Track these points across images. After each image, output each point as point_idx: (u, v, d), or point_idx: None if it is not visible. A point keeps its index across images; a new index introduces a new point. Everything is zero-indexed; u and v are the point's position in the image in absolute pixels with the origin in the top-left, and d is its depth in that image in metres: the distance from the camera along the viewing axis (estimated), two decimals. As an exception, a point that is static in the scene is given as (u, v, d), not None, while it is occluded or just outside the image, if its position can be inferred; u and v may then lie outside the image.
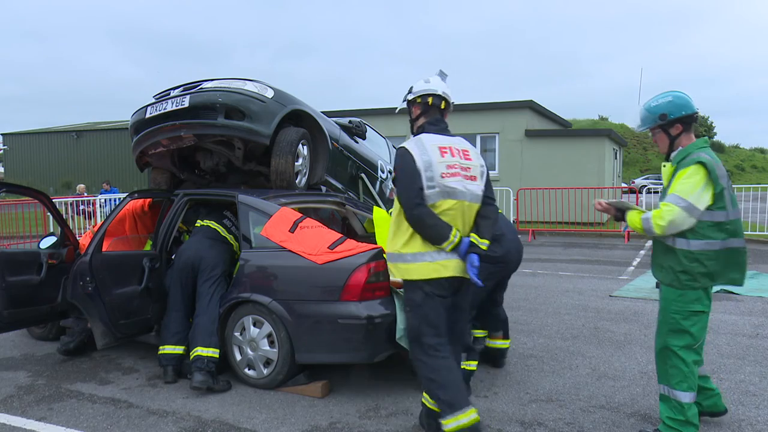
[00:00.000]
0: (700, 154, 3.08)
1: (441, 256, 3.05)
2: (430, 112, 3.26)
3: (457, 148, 3.16)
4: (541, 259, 10.51)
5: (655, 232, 3.07)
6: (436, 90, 3.25)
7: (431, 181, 3.01)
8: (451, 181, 3.04)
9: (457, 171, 3.08)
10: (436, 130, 3.20)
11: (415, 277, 3.08)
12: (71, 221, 12.80)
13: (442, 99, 3.27)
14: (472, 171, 3.15)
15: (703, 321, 3.12)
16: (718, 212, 3.04)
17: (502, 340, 4.52)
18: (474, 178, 3.14)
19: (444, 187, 3.02)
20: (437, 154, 3.06)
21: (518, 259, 4.27)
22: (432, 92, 3.24)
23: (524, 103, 17.00)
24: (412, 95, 3.30)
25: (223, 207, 4.76)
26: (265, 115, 4.81)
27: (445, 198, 3.03)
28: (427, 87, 3.26)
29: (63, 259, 4.59)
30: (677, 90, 3.23)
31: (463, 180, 3.08)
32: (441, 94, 3.26)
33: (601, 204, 3.41)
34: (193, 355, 4.13)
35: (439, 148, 3.08)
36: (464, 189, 3.08)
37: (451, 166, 3.07)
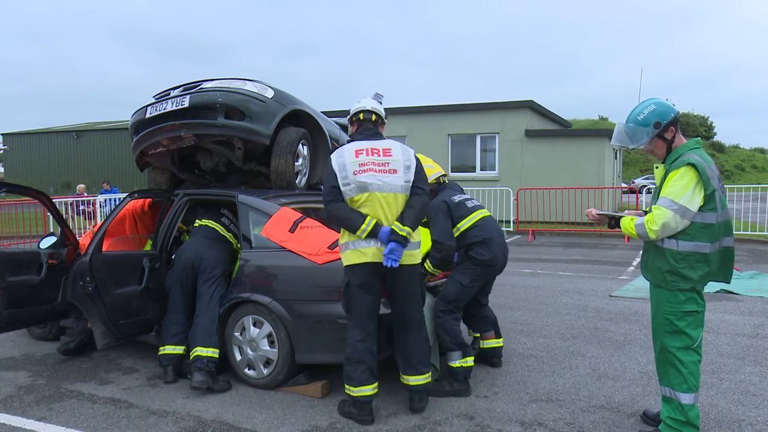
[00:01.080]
0: (690, 155, 3.06)
1: (361, 243, 3.48)
2: (362, 125, 3.77)
3: (376, 148, 3.59)
4: (541, 259, 10.50)
5: (650, 236, 3.07)
6: (364, 107, 3.77)
7: (346, 179, 3.50)
8: (363, 176, 3.49)
9: (369, 167, 3.50)
10: (362, 137, 3.68)
11: (346, 263, 3.56)
12: (71, 221, 12.80)
13: (371, 113, 3.76)
14: (392, 165, 3.55)
15: (698, 320, 3.11)
16: (708, 214, 3.03)
17: (495, 340, 4.54)
18: (394, 171, 3.54)
19: (357, 183, 3.49)
20: (351, 156, 3.54)
21: (504, 263, 4.37)
22: (360, 109, 3.77)
23: (524, 103, 17.00)
24: (348, 116, 3.84)
25: (221, 205, 4.76)
26: (265, 115, 4.81)
27: (361, 192, 3.49)
28: (357, 106, 3.81)
29: (63, 259, 4.59)
30: (652, 97, 3.23)
31: (376, 174, 3.50)
32: (369, 109, 3.76)
33: (593, 214, 3.44)
34: (193, 356, 4.13)
35: (354, 151, 3.56)
36: (378, 182, 3.49)
37: (363, 164, 3.51)
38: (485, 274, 4.23)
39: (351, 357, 3.55)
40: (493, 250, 4.17)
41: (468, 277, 4.13)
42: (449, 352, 4.03)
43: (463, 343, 4.05)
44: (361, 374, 3.53)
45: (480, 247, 4.15)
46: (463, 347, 4.03)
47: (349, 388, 3.57)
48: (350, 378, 3.56)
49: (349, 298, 3.56)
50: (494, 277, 4.46)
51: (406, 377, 3.71)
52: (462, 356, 4.01)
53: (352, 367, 3.55)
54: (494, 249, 4.18)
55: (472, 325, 4.59)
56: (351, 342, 3.56)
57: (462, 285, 4.11)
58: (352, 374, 3.55)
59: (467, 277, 4.13)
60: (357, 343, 3.54)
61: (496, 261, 4.21)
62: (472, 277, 4.14)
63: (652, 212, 3.06)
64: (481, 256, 4.14)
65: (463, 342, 4.05)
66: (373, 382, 3.57)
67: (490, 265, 4.19)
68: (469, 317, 4.55)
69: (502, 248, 4.28)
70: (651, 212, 3.08)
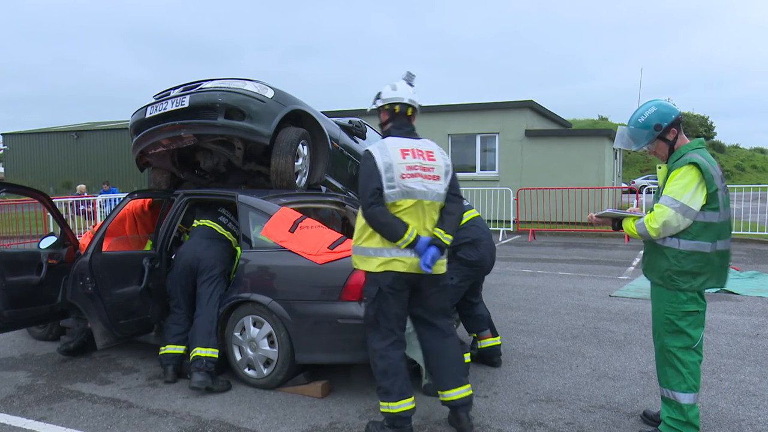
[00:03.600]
0: (693, 155, 3.07)
1: (399, 252, 3.20)
2: (396, 118, 3.39)
3: (420, 150, 3.30)
4: (541, 259, 10.50)
5: (651, 235, 3.07)
6: (402, 98, 3.38)
7: (391, 182, 3.17)
8: (410, 181, 3.20)
9: (417, 172, 3.22)
10: (401, 133, 3.35)
11: (372, 269, 3.24)
12: (71, 221, 12.79)
13: (408, 106, 3.39)
14: (435, 171, 3.29)
15: (698, 320, 3.11)
16: (710, 213, 3.03)
17: (491, 339, 4.55)
18: (437, 177, 3.29)
19: (404, 187, 3.19)
20: (398, 156, 3.21)
21: (492, 263, 4.38)
22: (398, 101, 3.37)
23: (524, 103, 17.00)
24: (380, 102, 3.42)
25: (218, 205, 4.76)
26: (265, 115, 4.81)
27: (405, 198, 3.19)
28: (393, 95, 3.39)
29: (63, 259, 4.59)
30: (653, 99, 3.23)
31: (423, 180, 3.23)
32: (407, 102, 3.38)
33: (593, 218, 3.44)
34: (193, 356, 4.13)
35: (400, 151, 3.24)
36: (424, 189, 3.23)
37: (411, 167, 3.22)
38: (474, 275, 4.27)
39: (386, 369, 3.23)
40: (481, 251, 4.23)
41: (457, 277, 4.15)
42: None
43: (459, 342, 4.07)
44: (400, 386, 3.22)
45: (468, 248, 4.19)
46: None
47: (388, 405, 3.22)
48: (388, 393, 3.21)
49: (380, 306, 3.25)
50: (483, 277, 4.49)
51: (447, 392, 3.36)
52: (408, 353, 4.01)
53: (389, 381, 3.22)
54: (482, 250, 4.24)
55: (467, 326, 4.60)
56: (383, 353, 3.25)
57: (452, 285, 4.12)
58: (390, 388, 3.21)
59: (456, 277, 4.15)
60: (390, 353, 3.25)
61: (484, 262, 4.27)
62: (461, 278, 4.17)
63: (653, 211, 3.06)
64: (468, 257, 4.17)
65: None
66: (411, 394, 3.27)
67: (478, 265, 4.24)
68: (462, 318, 4.57)
69: (490, 249, 4.33)
70: (652, 211, 3.08)
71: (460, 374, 3.38)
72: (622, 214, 3.28)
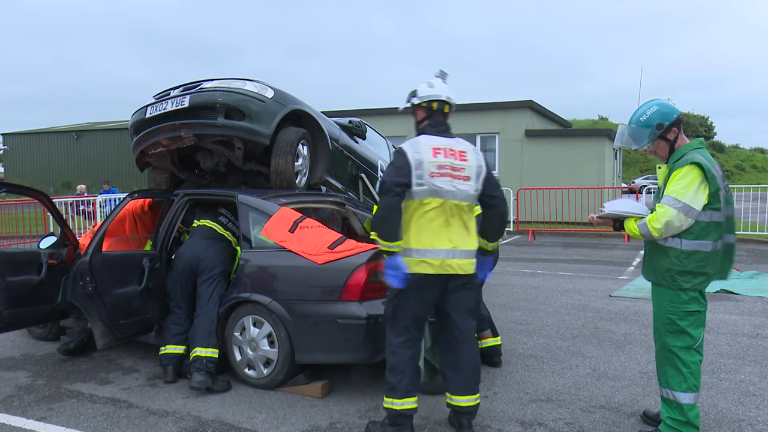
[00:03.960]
0: (693, 154, 3.07)
1: (427, 254, 3.16)
2: (433, 116, 3.34)
3: (452, 149, 3.25)
4: (541, 259, 10.50)
5: (653, 235, 3.06)
6: (440, 96, 3.33)
7: (420, 179, 3.13)
8: (438, 180, 3.15)
9: (446, 171, 3.18)
10: (436, 132, 3.30)
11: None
12: (71, 221, 12.79)
13: (445, 103, 3.35)
14: (466, 171, 3.24)
15: (699, 320, 3.11)
16: (713, 213, 3.03)
17: (492, 339, 4.54)
18: (467, 178, 3.23)
19: (432, 186, 3.15)
20: (429, 154, 3.16)
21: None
22: (436, 98, 3.33)
23: (524, 103, 17.01)
24: (417, 99, 3.36)
25: (218, 205, 4.76)
26: (265, 115, 4.81)
27: (433, 196, 3.16)
28: (431, 92, 3.33)
29: (63, 259, 4.59)
30: (654, 98, 3.23)
31: (452, 180, 3.19)
32: (444, 99, 3.34)
33: (594, 218, 3.44)
34: (193, 356, 4.13)
35: (432, 149, 3.19)
36: (453, 188, 3.19)
37: (441, 166, 3.17)
38: None
39: (395, 366, 3.23)
40: None
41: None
42: None
43: None
44: (407, 384, 3.23)
45: None
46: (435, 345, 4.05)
47: (392, 401, 3.23)
48: (394, 389, 3.22)
49: (399, 303, 3.23)
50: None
51: (456, 397, 3.34)
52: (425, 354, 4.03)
53: (396, 377, 3.22)
54: None
55: None
56: (395, 349, 3.25)
57: None
58: (396, 385, 3.22)
59: None
60: (403, 350, 3.24)
61: None
62: None
63: (655, 211, 3.06)
64: None
65: None
66: (416, 394, 3.28)
67: None
68: None
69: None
70: (654, 211, 3.08)
71: (473, 382, 3.36)
72: (624, 215, 3.27)
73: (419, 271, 3.16)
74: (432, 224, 3.19)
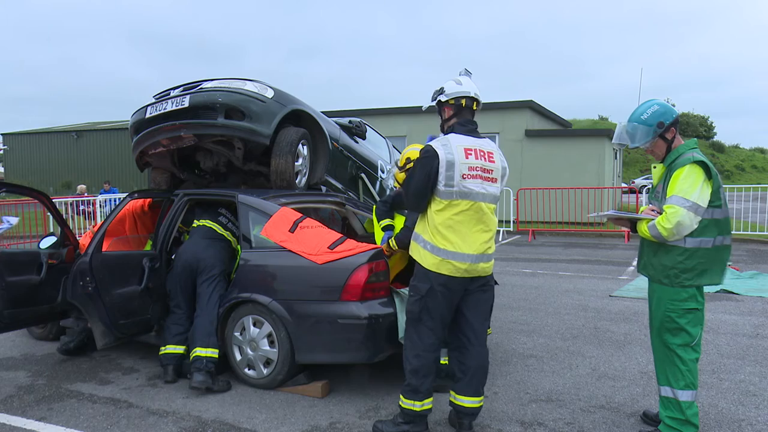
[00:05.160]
0: (693, 153, 3.11)
1: (455, 256, 3.13)
2: (462, 114, 3.31)
3: (482, 150, 3.23)
4: (541, 259, 10.50)
5: (663, 235, 3.06)
6: (469, 92, 3.30)
7: (450, 180, 3.11)
8: (470, 182, 3.14)
9: (477, 173, 3.16)
10: (465, 131, 3.26)
11: (427, 266, 3.18)
12: (71, 221, 12.79)
13: (474, 100, 3.32)
14: (494, 173, 3.24)
15: (698, 318, 3.12)
16: (714, 210, 3.06)
17: None
18: (495, 180, 3.25)
19: (462, 188, 3.13)
20: (462, 155, 3.14)
21: None
22: (465, 94, 3.29)
23: (524, 103, 17.01)
24: (445, 97, 3.31)
25: (218, 205, 4.76)
26: (265, 115, 4.81)
27: (463, 198, 3.13)
28: (460, 89, 3.30)
29: (63, 259, 4.59)
30: (653, 98, 3.25)
31: (482, 182, 3.18)
32: (473, 96, 3.32)
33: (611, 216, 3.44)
34: (193, 356, 4.13)
35: (464, 150, 3.16)
36: (483, 191, 3.18)
37: (473, 168, 3.15)
38: None
39: (419, 369, 3.21)
40: None
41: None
42: None
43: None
44: (428, 387, 3.25)
45: None
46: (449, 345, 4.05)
47: (413, 403, 3.23)
48: (417, 392, 3.22)
49: (426, 304, 3.19)
50: None
51: (461, 398, 3.33)
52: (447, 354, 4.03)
53: (419, 380, 3.21)
54: None
55: None
56: (420, 352, 3.22)
57: None
58: (419, 387, 3.21)
59: None
60: (429, 353, 3.23)
61: None
62: None
63: (664, 212, 3.05)
64: None
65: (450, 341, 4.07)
66: (432, 394, 3.33)
67: None
68: None
69: None
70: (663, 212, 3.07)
71: (480, 385, 3.35)
72: (635, 217, 3.27)
73: (446, 272, 3.15)
74: (462, 227, 3.17)
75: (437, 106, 3.39)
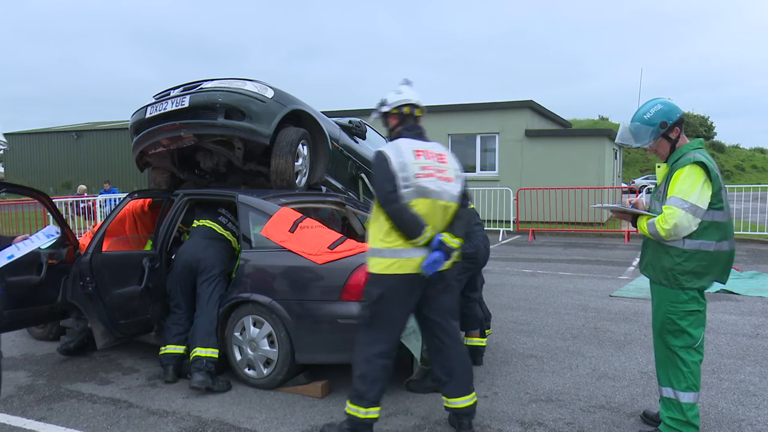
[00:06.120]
0: (695, 154, 3.06)
1: (410, 253, 3.14)
2: (406, 120, 3.39)
3: (433, 152, 3.29)
4: (541, 259, 10.50)
5: (661, 235, 3.05)
6: (409, 99, 3.38)
7: (406, 181, 3.13)
8: (425, 181, 3.16)
9: (431, 172, 3.20)
10: (413, 135, 3.33)
11: (380, 271, 3.17)
12: (71, 221, 12.79)
13: (416, 107, 3.40)
14: (448, 173, 3.28)
15: (699, 319, 3.11)
16: (715, 212, 3.02)
17: (478, 339, 4.53)
18: (450, 179, 3.27)
19: (418, 187, 3.15)
20: (412, 156, 3.18)
21: (486, 254, 4.41)
22: (406, 102, 3.37)
23: (524, 103, 17.00)
24: (388, 107, 3.40)
25: (218, 205, 4.76)
26: (265, 115, 4.81)
27: (420, 197, 3.15)
28: (400, 98, 3.38)
29: (63, 259, 4.59)
30: (657, 97, 3.22)
31: (437, 180, 3.20)
32: (415, 103, 3.40)
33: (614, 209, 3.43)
34: (193, 356, 4.13)
35: (414, 151, 3.21)
36: (439, 189, 3.20)
37: (426, 167, 3.20)
38: (470, 267, 4.25)
39: (366, 375, 3.19)
40: (475, 243, 4.23)
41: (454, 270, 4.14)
42: None
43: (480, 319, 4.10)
44: (375, 395, 3.20)
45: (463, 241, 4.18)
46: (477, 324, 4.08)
47: (357, 409, 3.20)
48: (362, 398, 3.19)
49: (378, 310, 3.19)
50: (479, 270, 4.47)
51: (453, 400, 3.34)
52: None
53: (366, 386, 3.18)
54: (475, 241, 4.24)
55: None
56: (369, 357, 3.20)
57: None
58: (366, 394, 3.18)
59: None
60: (378, 360, 3.20)
61: (479, 253, 4.27)
62: (458, 270, 4.15)
63: (663, 212, 3.04)
64: (464, 250, 4.15)
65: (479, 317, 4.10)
66: (380, 404, 3.27)
67: (474, 257, 4.23)
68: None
69: (483, 240, 4.34)
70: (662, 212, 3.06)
71: (467, 382, 3.35)
72: (637, 212, 3.26)
73: (404, 271, 3.14)
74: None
75: (382, 118, 3.46)
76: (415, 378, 4.12)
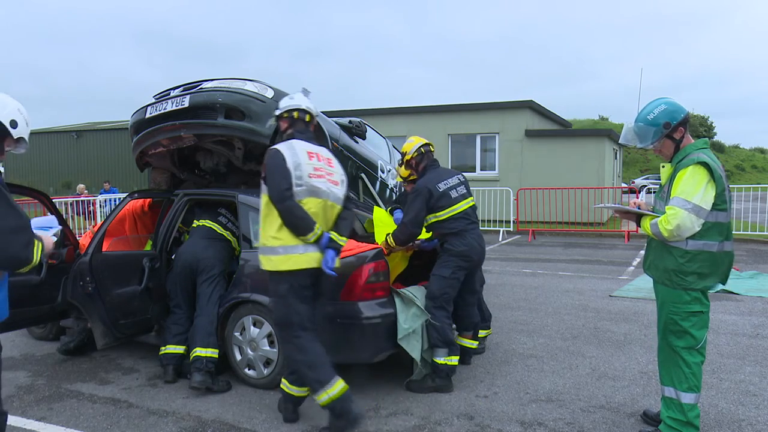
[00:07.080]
0: (699, 154, 3.05)
1: (309, 248, 3.31)
2: (296, 124, 3.59)
3: (323, 156, 3.51)
4: (541, 259, 10.50)
5: (664, 235, 3.04)
6: (299, 105, 3.60)
7: (299, 180, 3.31)
8: (317, 181, 3.38)
9: (322, 174, 3.43)
10: (304, 138, 3.52)
11: (284, 269, 3.30)
12: (71, 221, 12.79)
13: (306, 113, 3.61)
14: (335, 176, 3.52)
15: (702, 320, 3.10)
16: (719, 213, 3.01)
17: (470, 341, 4.53)
18: (336, 182, 3.52)
19: (311, 186, 3.34)
20: (306, 157, 3.38)
21: (481, 252, 4.40)
22: (296, 107, 3.59)
23: (524, 103, 17.00)
24: (279, 111, 3.63)
25: (218, 205, 4.76)
26: (265, 115, 4.81)
27: (311, 196, 3.34)
28: (291, 103, 3.60)
29: (63, 259, 4.59)
30: (662, 97, 3.20)
31: (327, 182, 3.44)
32: (305, 108, 3.60)
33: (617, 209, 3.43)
34: (193, 356, 4.13)
35: (307, 152, 3.42)
36: (328, 190, 3.43)
37: (318, 168, 3.42)
38: (465, 265, 4.23)
39: (312, 361, 3.31)
40: (468, 240, 4.22)
41: (448, 269, 4.16)
42: (435, 348, 4.07)
43: (451, 341, 4.12)
44: (328, 372, 3.30)
45: (454, 238, 4.21)
46: (449, 345, 4.10)
47: (327, 392, 3.27)
48: (321, 382, 3.28)
49: (292, 303, 3.33)
50: (475, 269, 4.45)
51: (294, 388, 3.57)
52: (447, 354, 4.08)
53: (317, 371, 3.29)
54: (468, 239, 4.22)
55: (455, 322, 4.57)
56: (303, 347, 3.33)
57: (444, 278, 4.14)
58: (321, 377, 3.29)
59: (447, 269, 4.16)
60: (311, 344, 3.34)
61: (473, 250, 4.24)
62: (452, 269, 4.17)
63: (666, 212, 3.03)
64: (456, 247, 4.18)
65: (450, 340, 4.11)
66: (339, 376, 3.33)
67: (467, 255, 4.21)
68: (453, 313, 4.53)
69: (477, 239, 4.32)
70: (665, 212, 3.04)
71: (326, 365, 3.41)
72: (640, 212, 3.25)
73: (305, 266, 3.29)
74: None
75: (276, 122, 3.73)
76: (415, 378, 4.13)
